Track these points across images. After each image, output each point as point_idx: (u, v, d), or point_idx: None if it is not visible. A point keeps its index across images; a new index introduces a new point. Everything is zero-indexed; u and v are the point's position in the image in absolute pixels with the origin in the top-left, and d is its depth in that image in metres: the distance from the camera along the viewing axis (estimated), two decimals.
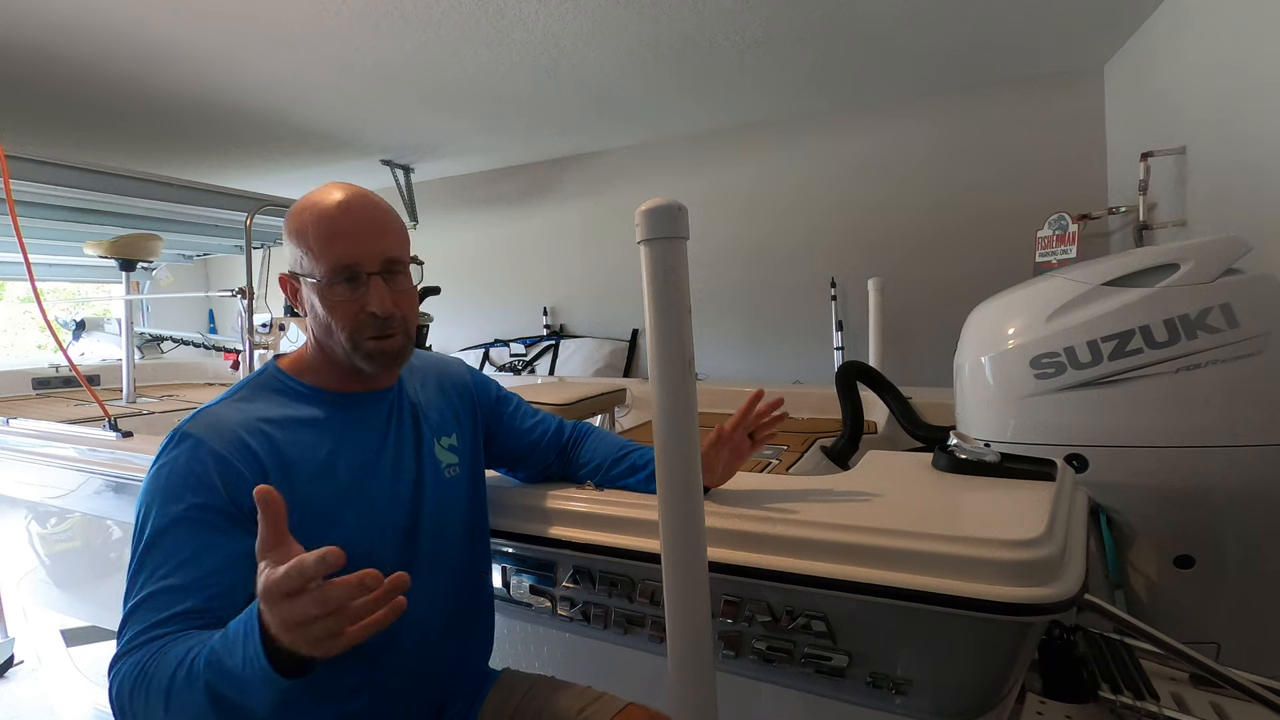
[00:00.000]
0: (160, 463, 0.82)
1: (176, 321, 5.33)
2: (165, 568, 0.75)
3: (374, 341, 0.89)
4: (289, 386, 0.93)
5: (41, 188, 2.02)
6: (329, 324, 0.89)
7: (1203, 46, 2.39)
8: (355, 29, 2.68)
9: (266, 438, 0.84)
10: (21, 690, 2.44)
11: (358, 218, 0.88)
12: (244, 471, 0.80)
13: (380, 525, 0.90)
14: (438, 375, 1.10)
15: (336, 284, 0.87)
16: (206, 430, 0.83)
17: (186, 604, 0.73)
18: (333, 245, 0.86)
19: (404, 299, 0.91)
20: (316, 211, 0.88)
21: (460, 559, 1.01)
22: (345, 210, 0.88)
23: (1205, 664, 1.09)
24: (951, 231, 3.80)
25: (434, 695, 0.97)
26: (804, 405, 2.27)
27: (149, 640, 0.71)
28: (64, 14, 2.44)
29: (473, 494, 1.07)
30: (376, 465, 0.92)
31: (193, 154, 4.35)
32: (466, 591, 1.03)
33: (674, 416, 0.77)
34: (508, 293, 5.26)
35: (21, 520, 2.08)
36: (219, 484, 0.79)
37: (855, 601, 0.87)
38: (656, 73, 3.29)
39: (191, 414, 0.87)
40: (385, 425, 0.96)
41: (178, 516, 0.77)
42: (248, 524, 0.77)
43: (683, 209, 0.75)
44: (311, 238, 0.87)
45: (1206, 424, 1.31)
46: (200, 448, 0.81)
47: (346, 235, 0.87)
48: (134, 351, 2.82)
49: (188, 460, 0.80)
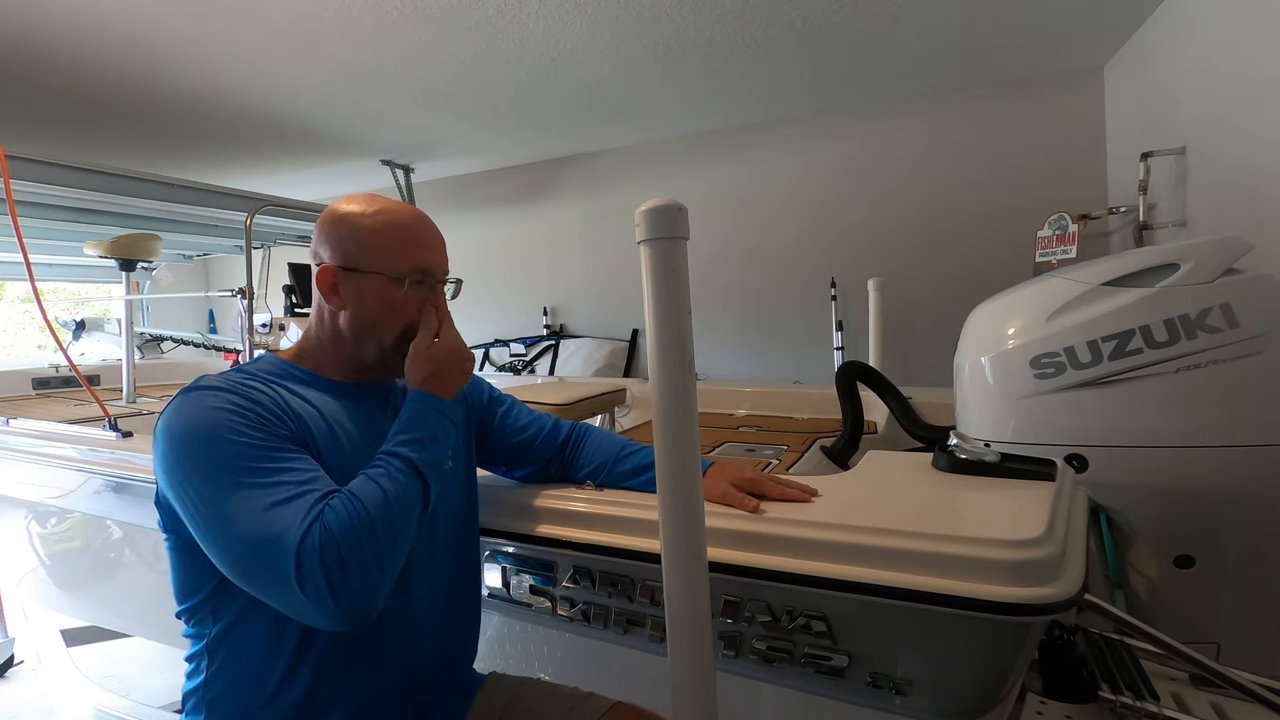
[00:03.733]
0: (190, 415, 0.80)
1: (176, 321, 5.34)
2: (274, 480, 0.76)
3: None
4: (289, 371, 0.94)
5: (41, 188, 2.02)
6: (381, 320, 0.93)
7: (1203, 46, 2.39)
8: (355, 28, 2.68)
9: (273, 401, 0.86)
10: (21, 690, 2.44)
11: (434, 233, 0.98)
12: (277, 414, 0.83)
13: None
14: None
15: (413, 284, 0.93)
16: (219, 379, 0.85)
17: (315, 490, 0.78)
18: (417, 250, 0.94)
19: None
20: (393, 216, 0.95)
21: (453, 559, 1.02)
22: (424, 223, 0.97)
23: (1205, 664, 1.09)
24: (951, 231, 3.80)
25: (420, 697, 0.96)
26: (804, 405, 2.27)
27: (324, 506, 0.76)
28: (64, 14, 2.44)
29: (466, 494, 1.07)
30: (369, 454, 0.92)
31: (193, 154, 4.35)
32: (457, 592, 1.03)
33: (674, 416, 0.77)
34: (508, 293, 5.26)
35: (21, 520, 2.08)
36: (266, 415, 0.82)
37: (855, 601, 0.87)
38: (656, 73, 3.29)
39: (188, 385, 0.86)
40: (381, 415, 0.98)
41: (245, 445, 0.78)
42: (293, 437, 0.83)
43: (683, 209, 0.75)
44: (391, 237, 0.93)
45: (1206, 424, 1.31)
46: (234, 390, 0.82)
47: (428, 245, 0.96)
48: (134, 351, 2.82)
49: (225, 397, 0.81)
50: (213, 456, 0.77)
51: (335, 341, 0.96)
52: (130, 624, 1.96)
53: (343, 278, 0.93)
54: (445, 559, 1.00)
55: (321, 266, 0.94)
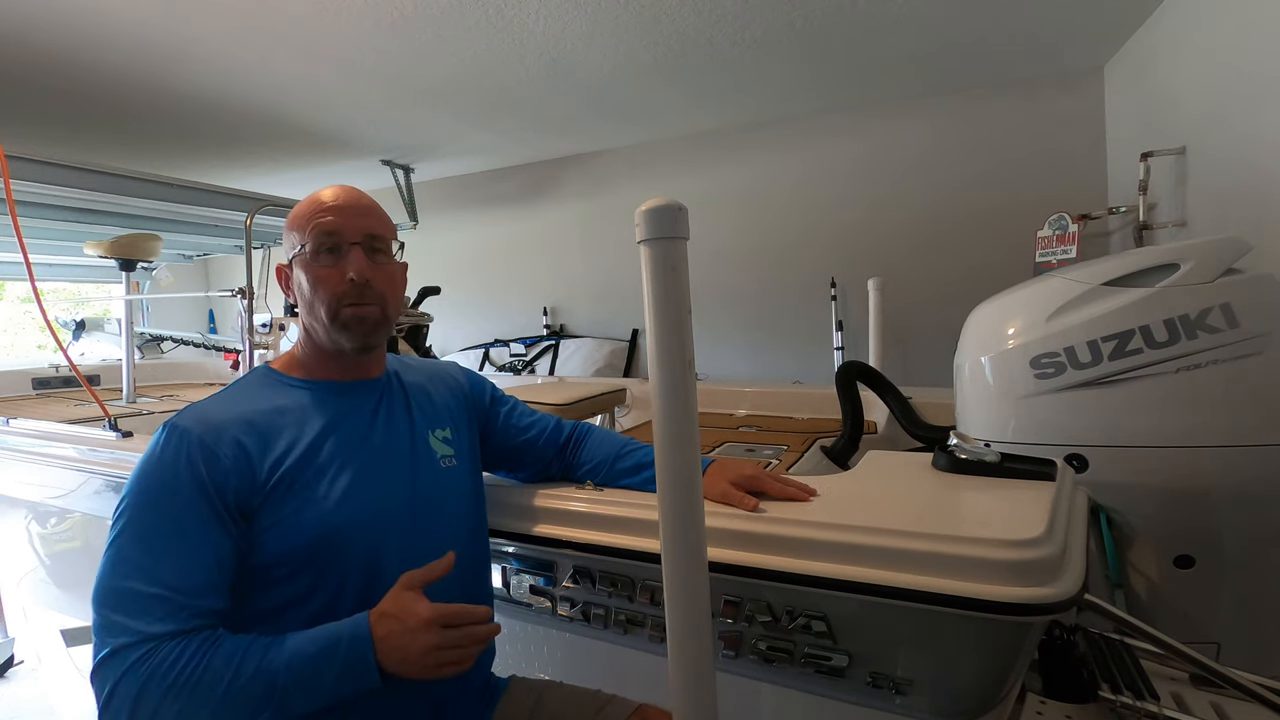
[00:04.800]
0: (148, 453, 0.84)
1: (176, 321, 5.33)
2: (148, 564, 0.78)
3: (351, 309, 0.93)
4: (279, 381, 0.97)
5: (41, 188, 2.02)
6: (312, 298, 0.94)
7: (1203, 46, 2.39)
8: (355, 28, 2.68)
9: (251, 427, 0.87)
10: (21, 690, 2.44)
11: (344, 198, 0.96)
12: (228, 462, 0.83)
13: (366, 507, 0.90)
14: (430, 375, 1.12)
15: (320, 253, 0.93)
16: (194, 422, 0.86)
17: (172, 621, 0.76)
18: (318, 218, 0.94)
19: (384, 275, 0.97)
20: (310, 198, 0.97)
21: (465, 558, 1.00)
22: (333, 194, 0.97)
23: (1205, 664, 1.09)
24: (951, 231, 3.80)
25: (436, 695, 0.96)
26: (804, 405, 2.27)
27: (149, 652, 0.75)
28: (64, 14, 2.44)
29: (473, 491, 1.07)
30: (366, 444, 0.94)
31: (193, 154, 4.35)
32: (469, 591, 1.02)
33: (674, 416, 0.77)
34: (507, 293, 5.26)
35: (21, 520, 2.08)
36: (204, 473, 0.81)
37: (855, 601, 0.87)
38: (656, 73, 3.28)
39: (182, 410, 0.90)
40: (375, 409, 0.99)
41: (161, 507, 0.80)
42: (227, 517, 0.82)
43: (683, 209, 0.75)
44: (301, 218, 0.95)
45: (1206, 424, 1.31)
46: (187, 437, 0.83)
47: (331, 210, 0.94)
48: (134, 351, 2.83)
49: (175, 449, 0.83)
50: (124, 507, 0.81)
51: (305, 337, 0.99)
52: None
53: (287, 271, 0.99)
54: (459, 558, 0.98)
55: (276, 267, 1.01)
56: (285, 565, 0.85)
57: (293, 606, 0.85)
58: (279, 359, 1.01)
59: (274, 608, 0.85)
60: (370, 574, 0.88)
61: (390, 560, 0.89)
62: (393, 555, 0.90)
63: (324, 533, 0.86)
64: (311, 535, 0.85)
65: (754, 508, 0.97)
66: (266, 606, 0.85)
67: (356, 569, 0.88)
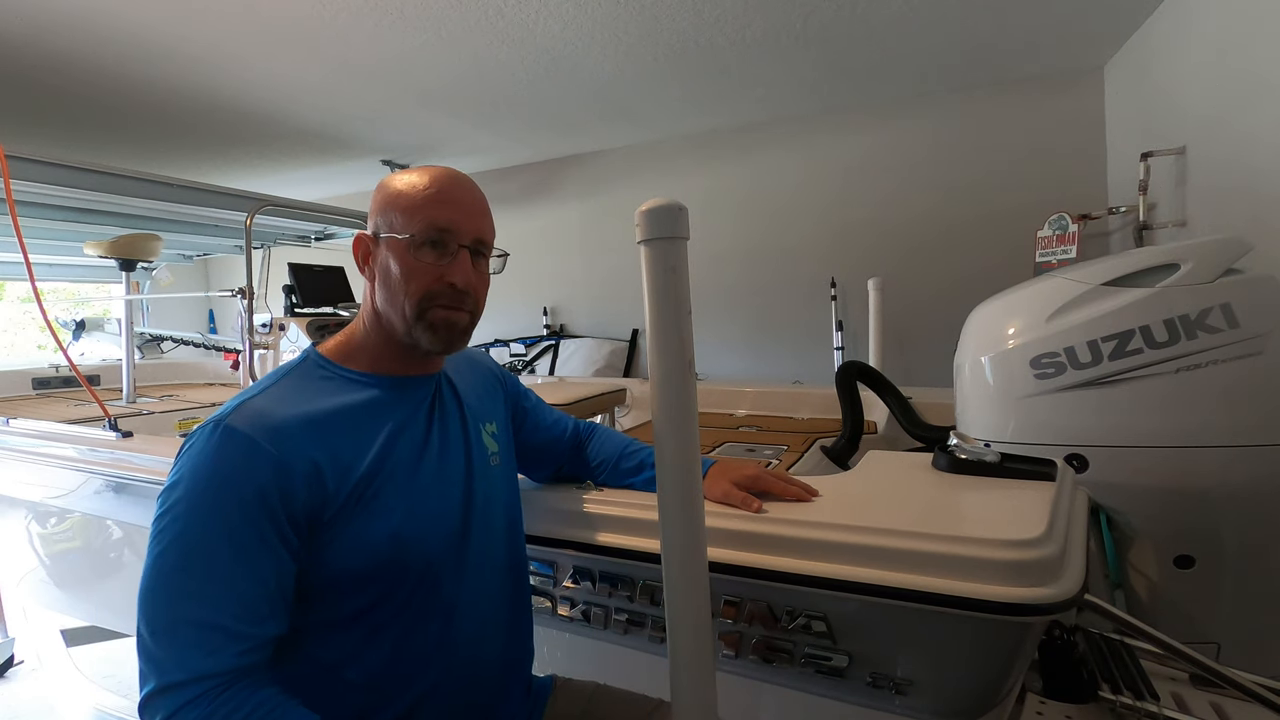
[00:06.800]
0: (196, 457, 0.74)
1: (176, 321, 5.33)
2: (201, 587, 0.70)
3: (443, 311, 0.86)
4: (337, 374, 0.87)
5: (41, 188, 2.02)
6: (400, 288, 0.85)
7: (1203, 46, 2.39)
8: (355, 28, 2.68)
9: (317, 431, 0.78)
10: (21, 690, 2.44)
11: (463, 194, 0.87)
12: (295, 473, 0.74)
13: (430, 513, 0.86)
14: (470, 364, 1.07)
15: (424, 245, 0.84)
16: (250, 423, 0.75)
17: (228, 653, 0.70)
18: (433, 208, 0.84)
19: (482, 282, 0.90)
20: (426, 175, 0.87)
21: (504, 555, 0.98)
22: (452, 184, 0.87)
23: (1205, 664, 1.09)
24: (951, 231, 3.80)
25: (481, 697, 0.93)
26: (804, 405, 2.27)
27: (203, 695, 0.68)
28: (65, 13, 2.44)
29: (510, 486, 1.03)
30: (425, 449, 0.88)
31: (193, 154, 4.35)
32: (512, 589, 0.98)
33: (674, 417, 0.77)
34: (508, 293, 5.26)
35: (21, 520, 2.08)
36: (268, 484, 0.72)
37: (855, 601, 0.87)
38: (656, 73, 3.29)
39: (229, 405, 0.78)
40: (431, 405, 0.92)
41: (216, 521, 0.71)
42: (291, 533, 0.74)
43: (683, 209, 0.75)
44: (408, 197, 0.85)
45: (1206, 424, 1.31)
46: (248, 442, 0.73)
47: (450, 203, 0.86)
48: (134, 351, 2.82)
49: (232, 454, 0.73)
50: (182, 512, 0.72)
51: (374, 320, 0.89)
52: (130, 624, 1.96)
53: (371, 245, 0.88)
54: (500, 554, 0.96)
55: (355, 236, 0.90)
56: (352, 580, 0.79)
57: (358, 619, 0.80)
58: (328, 344, 0.91)
59: (338, 619, 0.80)
60: (430, 582, 0.85)
61: (445, 564, 0.86)
62: (448, 559, 0.87)
63: (394, 545, 0.80)
64: (382, 549, 0.80)
65: (758, 509, 0.96)
66: (328, 619, 0.80)
67: (414, 575, 0.84)
